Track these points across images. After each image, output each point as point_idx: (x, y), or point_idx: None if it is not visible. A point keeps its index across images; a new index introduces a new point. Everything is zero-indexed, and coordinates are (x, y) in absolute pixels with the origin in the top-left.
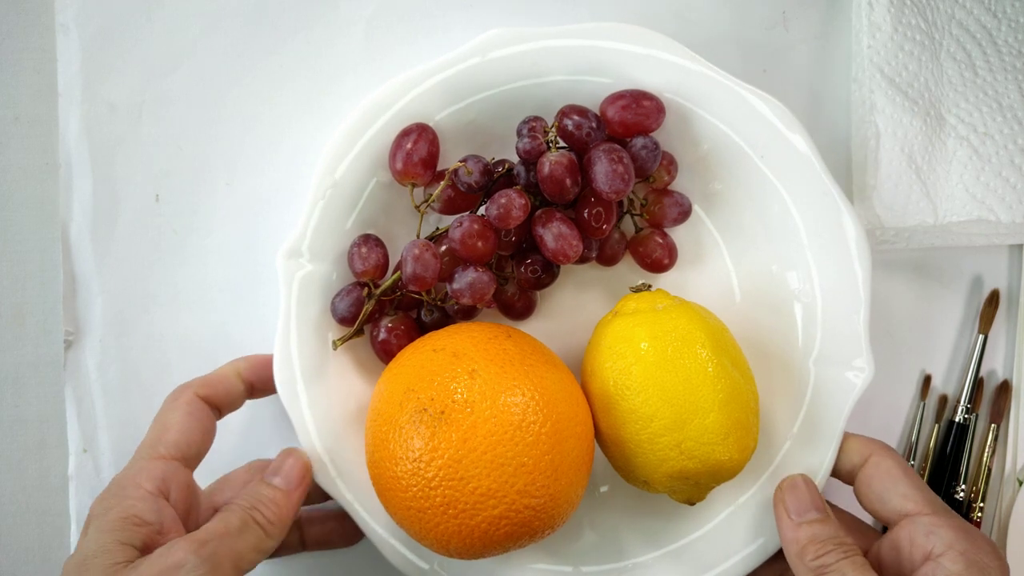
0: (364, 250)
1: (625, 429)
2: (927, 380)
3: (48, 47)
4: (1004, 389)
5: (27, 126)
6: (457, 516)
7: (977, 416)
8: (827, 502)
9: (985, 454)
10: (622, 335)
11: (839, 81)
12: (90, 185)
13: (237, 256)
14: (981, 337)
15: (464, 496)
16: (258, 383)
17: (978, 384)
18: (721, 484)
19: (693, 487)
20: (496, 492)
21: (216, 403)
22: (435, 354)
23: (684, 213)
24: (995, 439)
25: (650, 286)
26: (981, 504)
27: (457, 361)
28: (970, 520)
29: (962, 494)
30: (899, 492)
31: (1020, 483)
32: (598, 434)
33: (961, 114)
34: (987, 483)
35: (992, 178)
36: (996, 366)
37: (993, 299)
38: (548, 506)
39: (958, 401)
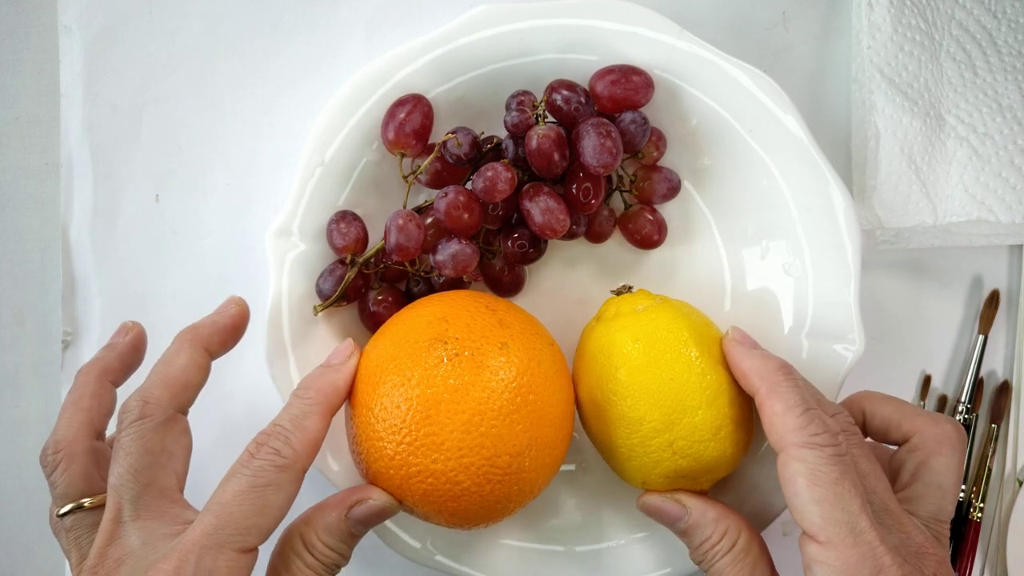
0: (343, 226)
1: (616, 435)
2: (927, 380)
3: (48, 47)
4: (1004, 389)
5: (27, 126)
6: (399, 444)
7: (977, 416)
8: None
9: (985, 454)
10: (605, 340)
11: (839, 81)
12: (90, 185)
13: (236, 257)
14: (981, 337)
15: (419, 437)
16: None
17: (978, 384)
18: (720, 478)
19: (692, 483)
20: (447, 450)
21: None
22: (487, 311)
23: (673, 189)
24: (995, 439)
25: (631, 288)
26: (981, 504)
27: (500, 329)
28: (969, 520)
29: (962, 494)
30: (795, 495)
31: (1020, 483)
32: (593, 440)
33: (961, 114)
34: (987, 483)
35: (992, 178)
36: (996, 366)
37: (993, 299)
38: (475, 498)
39: (958, 401)
